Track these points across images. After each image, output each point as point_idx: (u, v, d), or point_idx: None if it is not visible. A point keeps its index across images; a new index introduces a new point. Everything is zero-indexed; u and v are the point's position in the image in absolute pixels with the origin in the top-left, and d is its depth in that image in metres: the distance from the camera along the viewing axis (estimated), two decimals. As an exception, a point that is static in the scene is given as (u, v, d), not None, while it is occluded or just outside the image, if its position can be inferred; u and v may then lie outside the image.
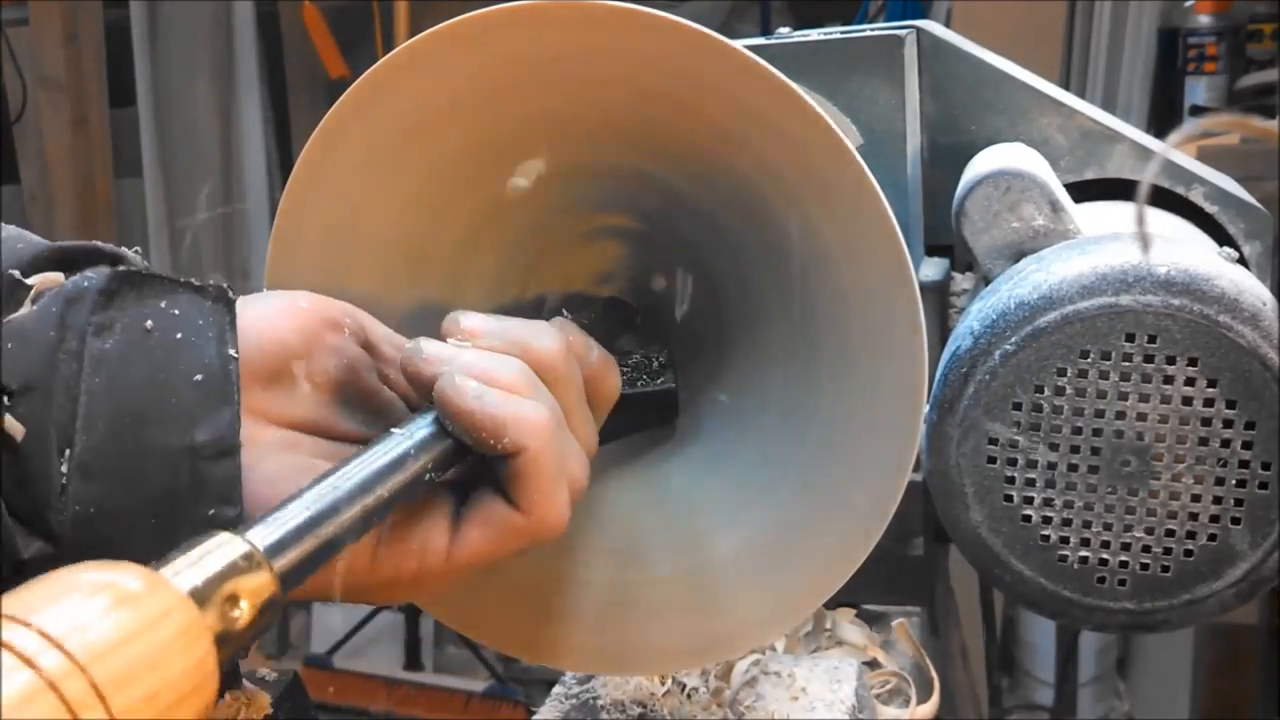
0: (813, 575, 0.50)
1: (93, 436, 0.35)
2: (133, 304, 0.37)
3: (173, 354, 0.36)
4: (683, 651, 0.54)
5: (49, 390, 0.34)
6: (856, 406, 0.49)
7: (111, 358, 0.36)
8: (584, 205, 0.53)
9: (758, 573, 0.51)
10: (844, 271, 0.47)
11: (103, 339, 0.36)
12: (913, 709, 0.67)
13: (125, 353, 0.36)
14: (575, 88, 0.47)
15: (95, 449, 0.35)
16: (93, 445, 0.35)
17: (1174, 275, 0.54)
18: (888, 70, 0.68)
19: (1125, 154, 0.72)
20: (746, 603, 0.52)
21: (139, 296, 0.37)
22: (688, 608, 0.52)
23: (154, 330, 0.37)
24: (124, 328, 0.36)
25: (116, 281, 0.37)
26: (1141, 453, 0.56)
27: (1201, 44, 1.79)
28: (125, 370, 0.36)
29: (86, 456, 0.35)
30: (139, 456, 0.35)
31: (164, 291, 0.38)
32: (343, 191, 0.48)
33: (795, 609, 0.52)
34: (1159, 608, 0.58)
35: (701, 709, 0.61)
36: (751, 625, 0.52)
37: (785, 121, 0.45)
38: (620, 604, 0.53)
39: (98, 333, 0.36)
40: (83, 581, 0.27)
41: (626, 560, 0.53)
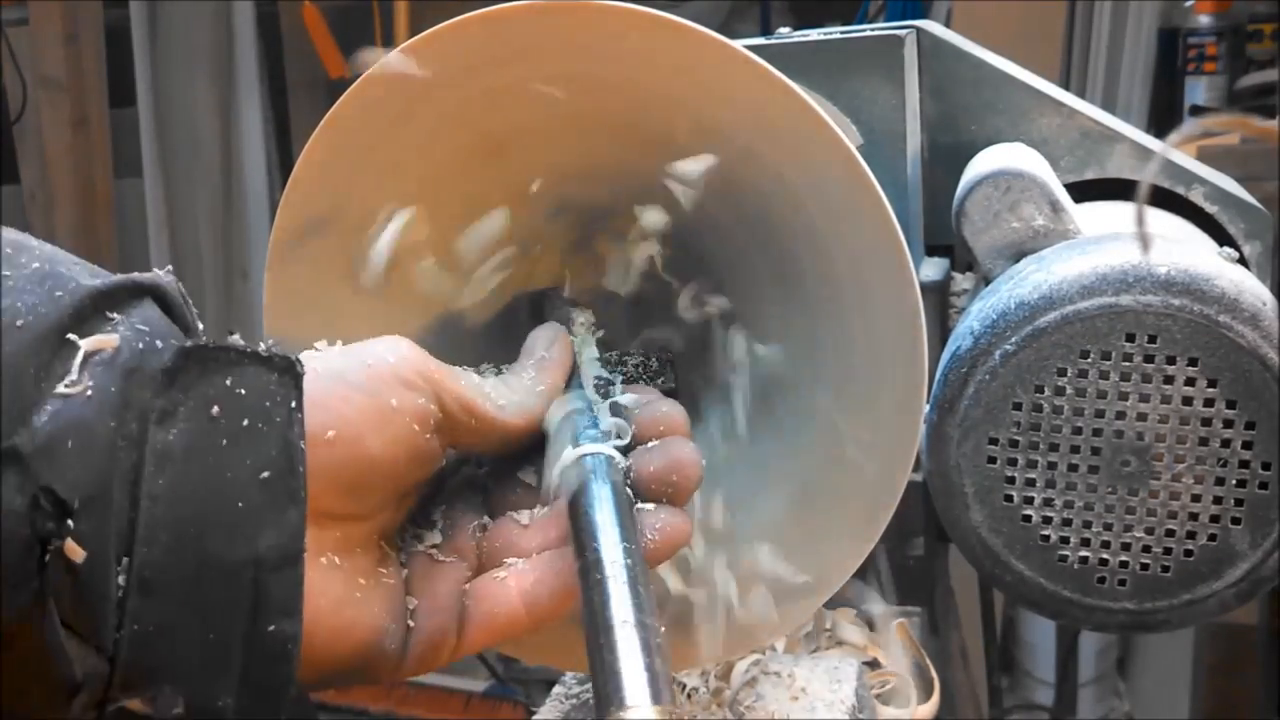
0: (813, 575, 0.50)
1: (154, 550, 0.32)
2: (197, 383, 0.33)
3: (238, 446, 0.33)
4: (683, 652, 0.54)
5: (109, 495, 0.31)
6: (856, 406, 0.49)
7: (175, 453, 0.32)
8: (582, 206, 0.53)
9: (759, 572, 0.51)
10: (844, 271, 0.47)
11: (166, 428, 0.33)
12: (913, 709, 0.67)
13: (189, 445, 0.33)
14: (574, 87, 0.47)
15: (156, 563, 0.32)
16: (154, 560, 0.32)
17: (1174, 275, 0.54)
18: (888, 70, 0.68)
19: (1125, 154, 0.72)
20: (747, 602, 0.52)
21: (203, 373, 0.34)
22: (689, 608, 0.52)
23: (220, 417, 0.33)
24: (188, 414, 0.33)
25: (182, 358, 0.33)
26: (1141, 453, 0.56)
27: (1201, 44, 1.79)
28: (189, 469, 0.33)
29: (147, 572, 0.32)
30: (201, 570, 0.33)
31: (229, 366, 0.34)
32: (343, 193, 0.48)
33: (796, 608, 0.52)
34: (1159, 608, 0.58)
35: (701, 709, 0.61)
36: (753, 625, 0.52)
37: (786, 122, 0.45)
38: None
39: (161, 420, 0.32)
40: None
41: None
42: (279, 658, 0.34)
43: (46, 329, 0.32)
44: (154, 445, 0.32)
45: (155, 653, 0.32)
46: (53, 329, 0.32)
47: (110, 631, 0.31)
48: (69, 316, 0.32)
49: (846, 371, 0.49)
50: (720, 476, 0.54)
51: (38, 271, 0.33)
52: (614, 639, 0.34)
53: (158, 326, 0.34)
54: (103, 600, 0.31)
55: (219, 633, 0.33)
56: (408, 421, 0.39)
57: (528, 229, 0.53)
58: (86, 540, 0.31)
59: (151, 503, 0.32)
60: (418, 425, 0.39)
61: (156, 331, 0.34)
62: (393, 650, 0.40)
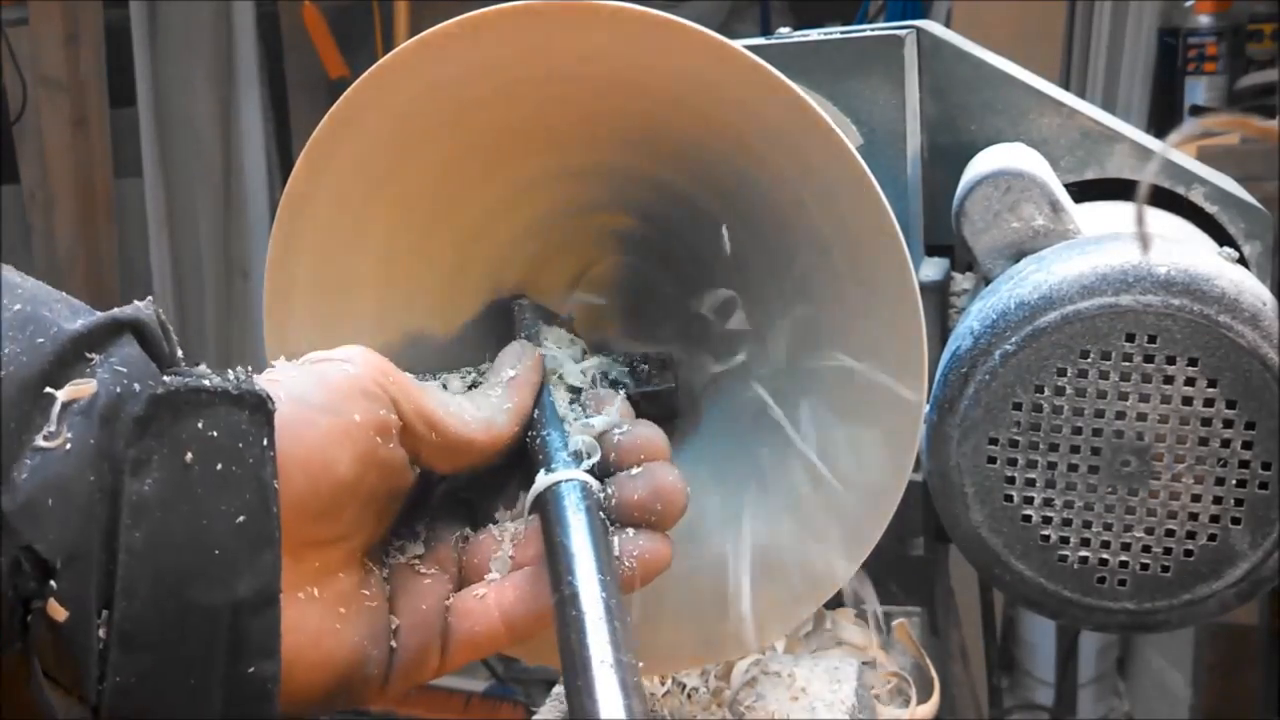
0: (814, 575, 0.50)
1: (134, 604, 0.32)
2: (169, 429, 0.33)
3: (212, 492, 0.33)
4: (683, 652, 0.54)
5: (90, 552, 0.31)
6: (857, 407, 0.49)
7: (151, 504, 0.32)
8: (583, 206, 0.53)
9: (759, 572, 0.51)
10: (844, 271, 0.47)
11: (140, 479, 0.32)
12: (913, 709, 0.67)
13: (164, 496, 0.33)
14: (574, 88, 0.47)
15: (137, 617, 0.32)
16: (134, 613, 0.32)
17: (1174, 275, 0.54)
18: (888, 70, 0.68)
19: (1125, 154, 0.72)
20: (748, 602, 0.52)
21: (175, 418, 0.33)
22: (689, 607, 0.52)
23: (193, 464, 0.33)
24: (161, 462, 0.33)
25: (154, 406, 0.33)
26: (1141, 453, 0.56)
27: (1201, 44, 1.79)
28: (166, 520, 0.33)
29: (127, 625, 0.32)
30: (181, 620, 0.33)
31: (200, 409, 0.34)
32: (343, 193, 0.49)
33: (797, 608, 0.52)
34: (1159, 608, 0.58)
35: (701, 709, 0.61)
36: (753, 624, 0.52)
37: (785, 122, 0.45)
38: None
39: (135, 471, 0.32)
40: None
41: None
42: (259, 697, 0.34)
43: (27, 379, 0.32)
44: (129, 497, 0.32)
45: (138, 702, 0.32)
46: (34, 379, 0.32)
47: (93, 683, 0.32)
48: (50, 364, 0.32)
49: (846, 371, 0.49)
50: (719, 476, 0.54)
51: (19, 314, 0.33)
52: (592, 680, 0.34)
53: (135, 365, 0.34)
54: (85, 654, 0.31)
55: (199, 678, 0.33)
56: (371, 435, 0.39)
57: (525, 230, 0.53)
58: (68, 599, 0.31)
59: (129, 556, 0.32)
60: (380, 437, 0.39)
61: (134, 372, 0.34)
62: (375, 674, 0.40)
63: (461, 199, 0.51)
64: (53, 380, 0.32)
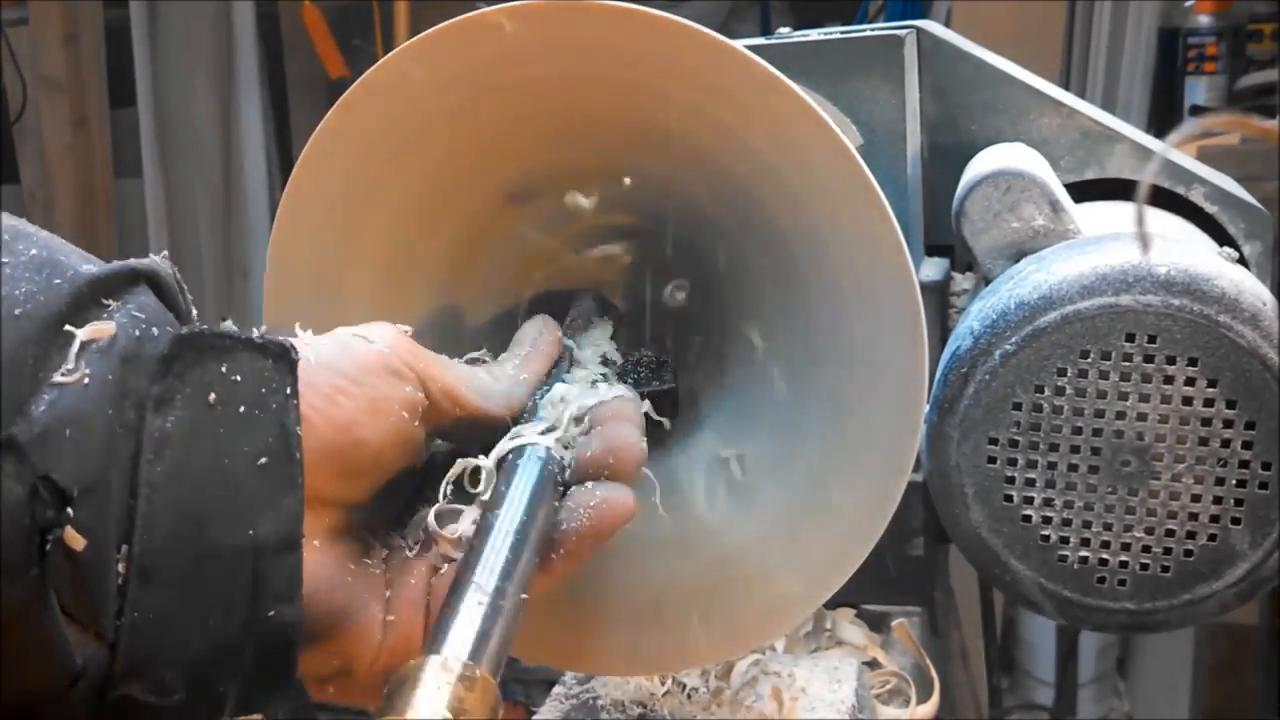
0: (813, 574, 0.50)
1: (154, 537, 0.32)
2: (193, 370, 0.33)
3: (235, 432, 0.34)
4: (684, 652, 0.54)
5: (108, 483, 0.31)
6: (856, 406, 0.49)
7: (173, 440, 0.32)
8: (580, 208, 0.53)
9: (759, 572, 0.51)
10: (844, 271, 0.47)
11: (163, 415, 0.32)
12: (913, 709, 0.67)
13: (187, 432, 0.33)
14: (574, 87, 0.47)
15: (156, 551, 0.32)
16: (154, 547, 0.32)
17: (1174, 275, 0.54)
18: (888, 70, 0.68)
19: (1125, 154, 0.72)
20: (748, 602, 0.52)
21: (199, 360, 0.34)
22: (689, 608, 0.52)
23: (216, 404, 0.33)
24: (184, 401, 0.33)
25: (178, 346, 0.33)
26: (1141, 453, 0.56)
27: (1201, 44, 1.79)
28: (188, 456, 0.33)
29: (147, 560, 0.32)
30: (200, 557, 0.33)
31: (224, 353, 0.34)
32: (343, 192, 0.49)
33: (797, 608, 0.52)
34: (1159, 608, 0.58)
35: (701, 709, 0.61)
36: (753, 624, 0.52)
37: (785, 122, 0.45)
38: (621, 605, 0.53)
39: (158, 407, 0.32)
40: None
41: (626, 561, 0.53)
42: (281, 644, 0.34)
43: (45, 318, 0.32)
44: (151, 432, 0.32)
45: (156, 640, 0.32)
46: (51, 318, 0.32)
47: (110, 619, 0.31)
48: (67, 305, 0.32)
49: (847, 371, 0.49)
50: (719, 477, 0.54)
51: (35, 259, 0.33)
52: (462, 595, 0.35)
53: (153, 313, 0.34)
54: (103, 588, 0.31)
55: (219, 619, 0.33)
56: (397, 410, 0.39)
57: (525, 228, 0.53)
58: (86, 529, 0.31)
59: (150, 490, 0.32)
60: (406, 413, 0.39)
61: (152, 318, 0.34)
62: (371, 646, 0.39)
63: (461, 199, 0.51)
64: (70, 320, 0.32)
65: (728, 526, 0.52)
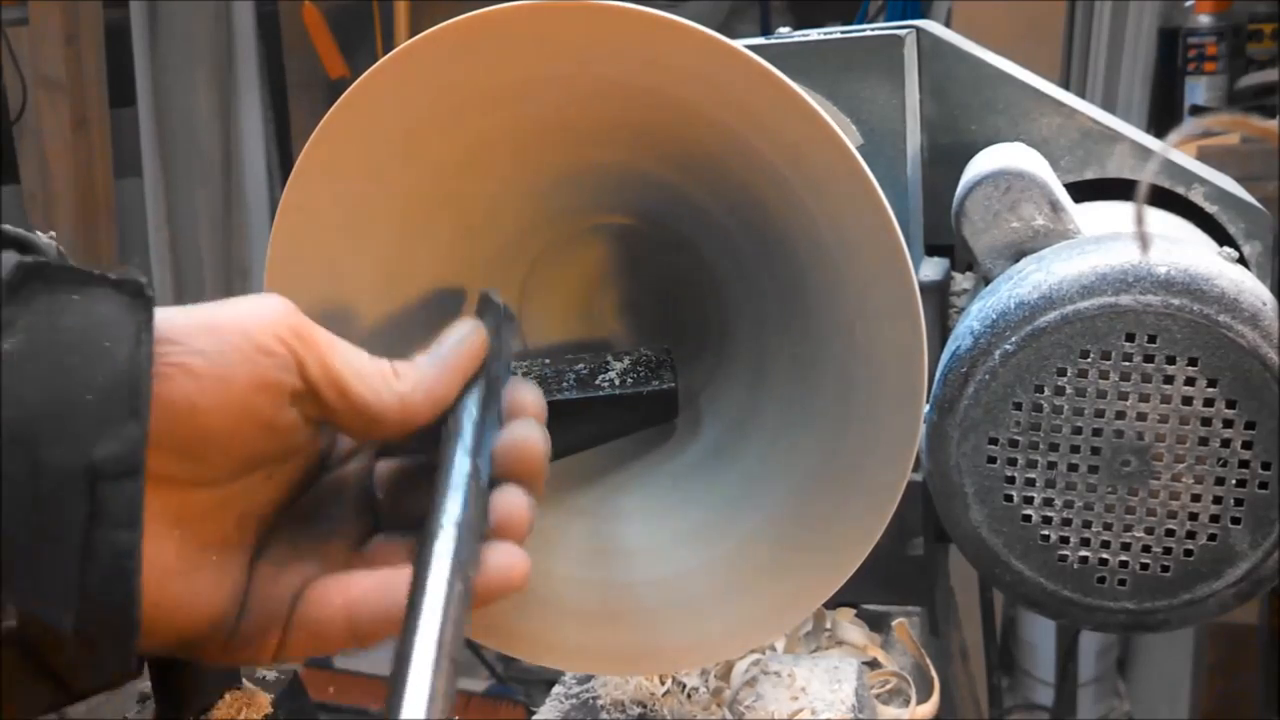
0: (814, 574, 0.50)
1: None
2: (41, 297, 0.33)
3: (79, 358, 0.33)
4: (684, 651, 0.54)
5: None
6: (857, 406, 0.49)
7: (12, 360, 0.32)
8: (582, 205, 0.53)
9: (759, 572, 0.51)
10: (844, 271, 0.47)
11: (3, 338, 0.32)
12: (913, 709, 0.67)
13: (25, 352, 0.32)
14: (575, 88, 0.47)
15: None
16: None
17: (1174, 275, 0.54)
18: (888, 70, 0.68)
19: (1125, 154, 0.72)
20: (748, 602, 0.52)
21: (49, 289, 0.33)
22: (689, 607, 0.52)
23: (61, 330, 0.33)
24: (27, 326, 0.32)
25: (22, 273, 0.33)
26: (1141, 453, 0.56)
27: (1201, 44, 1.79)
28: (23, 375, 0.32)
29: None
30: (32, 477, 0.32)
31: (76, 286, 0.34)
32: (342, 192, 0.49)
33: (796, 608, 0.52)
34: (1159, 608, 0.58)
35: (701, 709, 0.61)
36: (753, 624, 0.52)
37: (785, 122, 0.45)
38: (621, 604, 0.53)
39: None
40: None
41: (627, 560, 0.54)
42: (117, 571, 0.33)
43: None
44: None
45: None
46: None
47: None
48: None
49: (846, 372, 0.49)
50: (718, 474, 0.54)
51: None
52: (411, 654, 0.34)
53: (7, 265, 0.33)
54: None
55: (51, 540, 0.32)
56: (252, 393, 0.37)
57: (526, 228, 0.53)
58: None
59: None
60: (264, 395, 0.37)
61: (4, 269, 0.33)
62: (217, 636, 0.38)
63: (462, 199, 0.51)
64: None
65: (727, 526, 0.52)
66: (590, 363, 0.52)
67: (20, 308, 0.33)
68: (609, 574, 0.54)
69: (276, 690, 0.56)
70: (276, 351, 0.37)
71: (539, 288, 0.55)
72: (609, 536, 0.54)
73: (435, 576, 0.36)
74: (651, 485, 0.55)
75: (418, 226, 0.50)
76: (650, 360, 0.52)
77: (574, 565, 0.54)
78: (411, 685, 0.33)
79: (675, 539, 0.53)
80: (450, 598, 0.35)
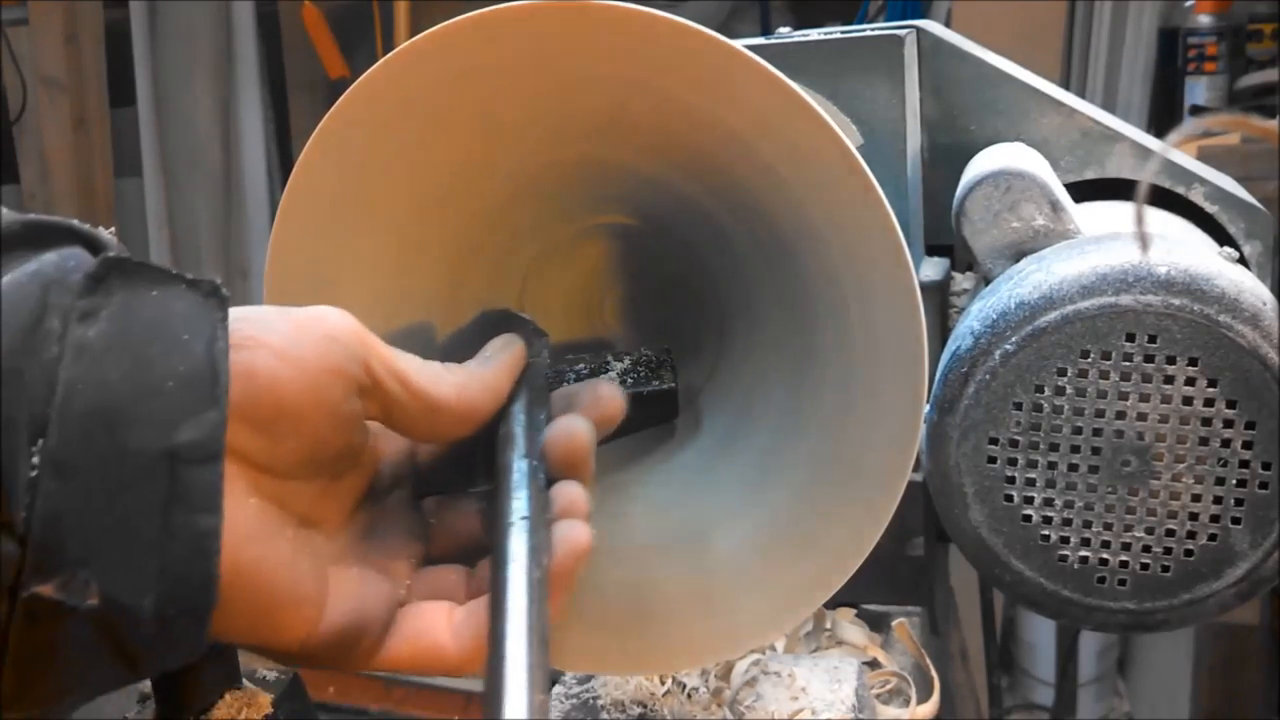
0: (813, 574, 0.50)
1: (68, 432, 0.32)
2: (120, 291, 0.34)
3: (159, 348, 0.34)
4: (684, 651, 0.54)
5: (20, 374, 0.32)
6: (857, 406, 0.49)
7: (95, 347, 0.33)
8: (583, 205, 0.53)
9: (759, 572, 0.51)
10: (844, 271, 0.47)
11: (87, 326, 0.33)
12: (913, 709, 0.67)
13: (109, 341, 0.33)
14: (575, 88, 0.47)
15: (70, 445, 0.32)
16: (67, 441, 0.32)
17: (1174, 275, 0.54)
18: (888, 70, 0.68)
19: (1125, 154, 0.72)
20: (748, 602, 0.52)
21: (128, 284, 0.35)
22: (689, 607, 0.53)
23: (141, 322, 0.34)
24: (110, 316, 0.34)
25: (105, 267, 0.34)
26: (1141, 453, 0.56)
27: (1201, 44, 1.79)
28: (107, 361, 0.33)
29: (61, 453, 0.32)
30: (116, 457, 0.33)
31: (155, 282, 0.35)
32: (343, 192, 0.49)
33: (796, 608, 0.52)
34: (1159, 607, 0.58)
35: (701, 709, 0.61)
36: (753, 624, 0.52)
37: (785, 122, 0.45)
38: (621, 604, 0.53)
39: (82, 319, 0.33)
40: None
41: (627, 560, 0.54)
42: (198, 552, 0.34)
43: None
44: (73, 339, 0.33)
45: (68, 534, 0.32)
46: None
47: (20, 510, 0.32)
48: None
49: (846, 372, 0.49)
50: (718, 475, 0.54)
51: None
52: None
53: (84, 261, 0.35)
54: (13, 478, 0.31)
55: (133, 521, 0.33)
56: (326, 375, 0.38)
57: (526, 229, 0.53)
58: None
59: (67, 388, 0.32)
60: (339, 383, 0.38)
61: (81, 263, 0.35)
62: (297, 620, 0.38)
63: (461, 199, 0.51)
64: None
65: (727, 526, 0.52)
66: (590, 363, 0.52)
67: (102, 299, 0.34)
68: (608, 574, 0.54)
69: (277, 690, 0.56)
70: (346, 343, 0.39)
71: (539, 288, 0.55)
72: (611, 538, 0.54)
73: (515, 566, 0.38)
74: (651, 486, 0.55)
75: (418, 226, 0.51)
76: (650, 360, 0.52)
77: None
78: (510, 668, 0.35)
79: (675, 539, 0.53)
80: (532, 583, 0.37)
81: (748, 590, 0.52)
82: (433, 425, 0.42)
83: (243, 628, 0.37)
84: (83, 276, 0.34)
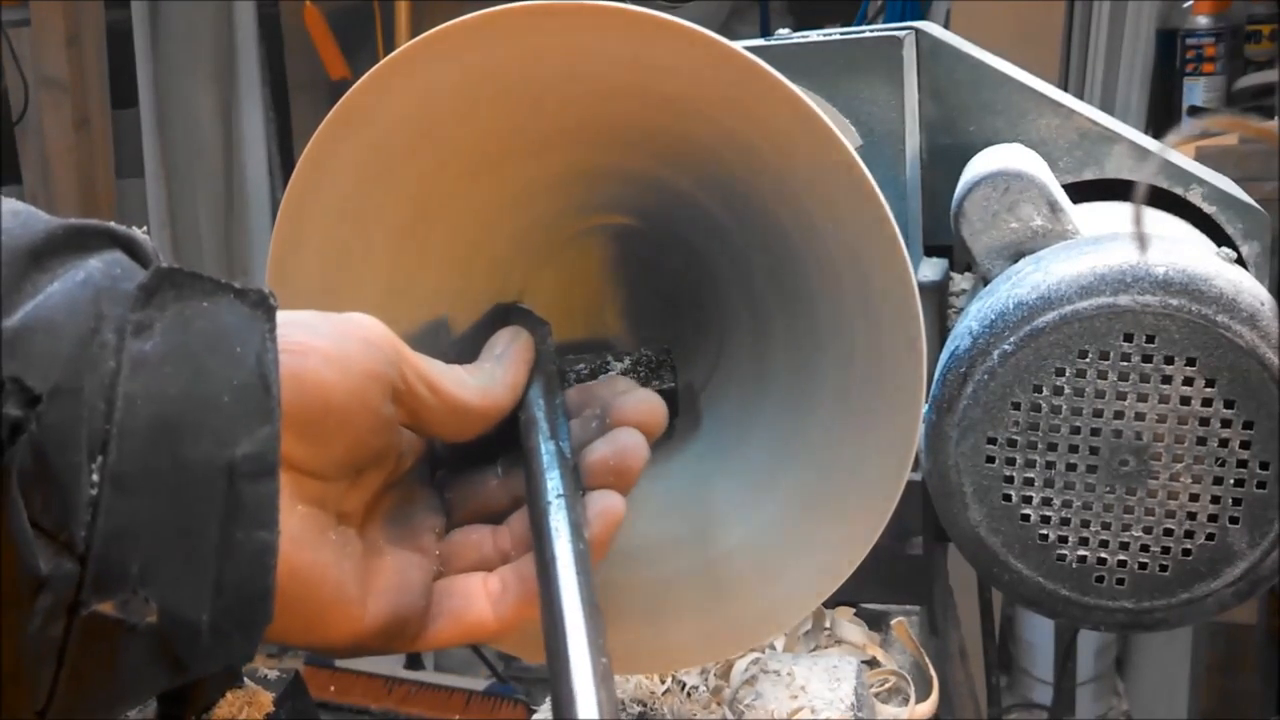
0: (813, 573, 0.50)
1: (129, 445, 0.32)
2: (172, 303, 0.34)
3: (213, 361, 0.34)
4: (684, 650, 0.54)
5: (79, 391, 0.32)
6: (856, 406, 0.49)
7: (152, 361, 0.33)
8: (583, 205, 0.53)
9: (758, 571, 0.52)
10: (843, 271, 0.48)
11: (143, 339, 0.33)
12: (912, 708, 0.67)
13: (166, 354, 0.33)
14: (576, 89, 0.47)
15: (131, 459, 0.32)
16: (128, 454, 0.32)
17: (1172, 275, 0.54)
18: (887, 71, 0.68)
19: (1124, 154, 0.72)
20: (747, 601, 0.52)
21: (179, 296, 0.35)
22: (689, 606, 0.53)
23: (194, 334, 0.34)
24: (164, 329, 0.34)
25: (158, 279, 0.34)
26: (1140, 452, 0.56)
27: (1200, 45, 1.79)
28: (165, 376, 0.33)
29: (123, 467, 0.32)
30: (175, 470, 0.33)
31: (205, 293, 0.35)
32: (344, 193, 0.49)
33: (796, 607, 0.52)
34: (1157, 607, 0.58)
35: (701, 708, 0.62)
36: (752, 623, 0.52)
37: (785, 123, 0.45)
38: (621, 603, 0.54)
39: (137, 332, 0.33)
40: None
41: (627, 559, 0.54)
42: (255, 568, 0.34)
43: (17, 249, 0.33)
44: (130, 353, 0.33)
45: (127, 550, 0.32)
46: (23, 250, 0.33)
47: (80, 528, 0.31)
48: (41, 240, 0.33)
49: (846, 372, 0.49)
50: (718, 475, 0.54)
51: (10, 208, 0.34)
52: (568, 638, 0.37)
53: (129, 266, 0.35)
54: (73, 495, 0.31)
55: (193, 536, 0.33)
56: (368, 380, 0.39)
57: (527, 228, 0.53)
58: (53, 429, 0.31)
59: (127, 403, 0.32)
60: (379, 387, 0.39)
61: (128, 270, 0.35)
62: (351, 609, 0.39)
63: (463, 200, 0.51)
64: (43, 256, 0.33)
65: (727, 526, 0.53)
66: (590, 363, 0.52)
67: (156, 311, 0.34)
68: (607, 574, 0.54)
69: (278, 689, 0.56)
70: (381, 347, 0.40)
71: (538, 288, 0.55)
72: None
73: (560, 541, 0.40)
74: (650, 486, 0.55)
75: (418, 227, 0.51)
76: (650, 360, 0.52)
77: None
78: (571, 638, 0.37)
79: (675, 539, 0.54)
80: (578, 554, 0.40)
81: (747, 589, 0.52)
82: (459, 427, 0.44)
83: (294, 631, 0.38)
84: (135, 288, 0.34)
